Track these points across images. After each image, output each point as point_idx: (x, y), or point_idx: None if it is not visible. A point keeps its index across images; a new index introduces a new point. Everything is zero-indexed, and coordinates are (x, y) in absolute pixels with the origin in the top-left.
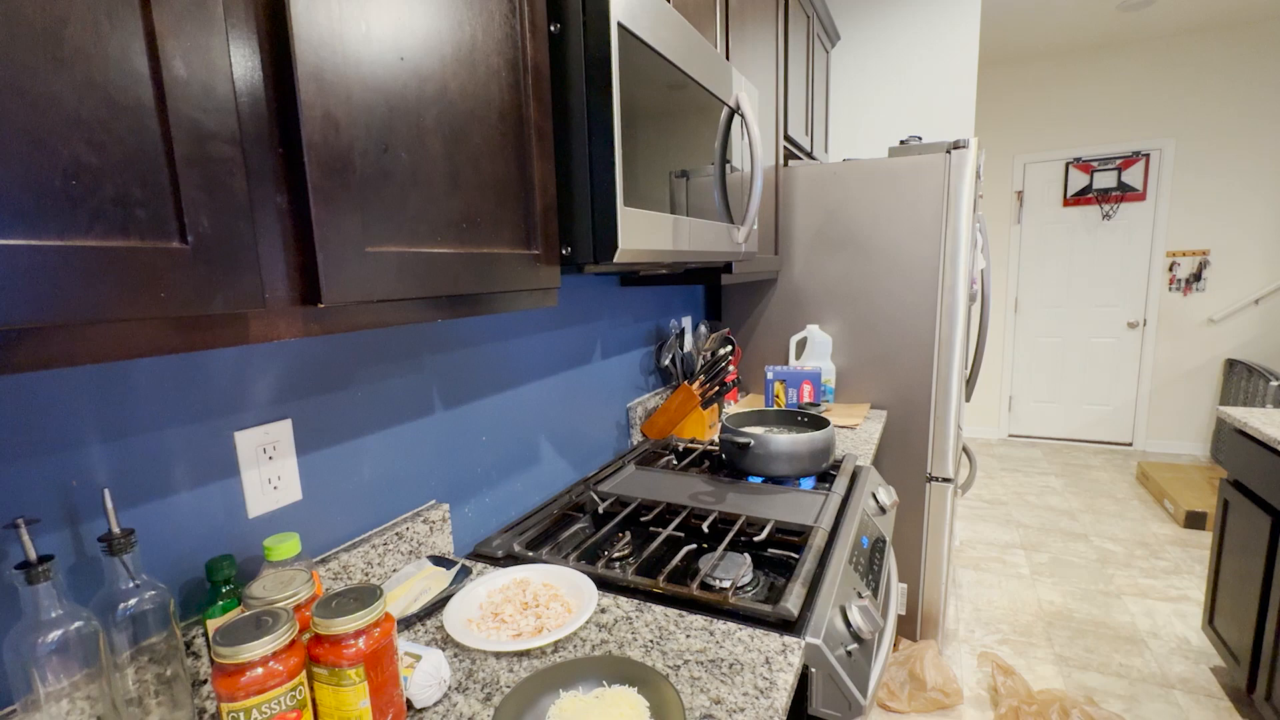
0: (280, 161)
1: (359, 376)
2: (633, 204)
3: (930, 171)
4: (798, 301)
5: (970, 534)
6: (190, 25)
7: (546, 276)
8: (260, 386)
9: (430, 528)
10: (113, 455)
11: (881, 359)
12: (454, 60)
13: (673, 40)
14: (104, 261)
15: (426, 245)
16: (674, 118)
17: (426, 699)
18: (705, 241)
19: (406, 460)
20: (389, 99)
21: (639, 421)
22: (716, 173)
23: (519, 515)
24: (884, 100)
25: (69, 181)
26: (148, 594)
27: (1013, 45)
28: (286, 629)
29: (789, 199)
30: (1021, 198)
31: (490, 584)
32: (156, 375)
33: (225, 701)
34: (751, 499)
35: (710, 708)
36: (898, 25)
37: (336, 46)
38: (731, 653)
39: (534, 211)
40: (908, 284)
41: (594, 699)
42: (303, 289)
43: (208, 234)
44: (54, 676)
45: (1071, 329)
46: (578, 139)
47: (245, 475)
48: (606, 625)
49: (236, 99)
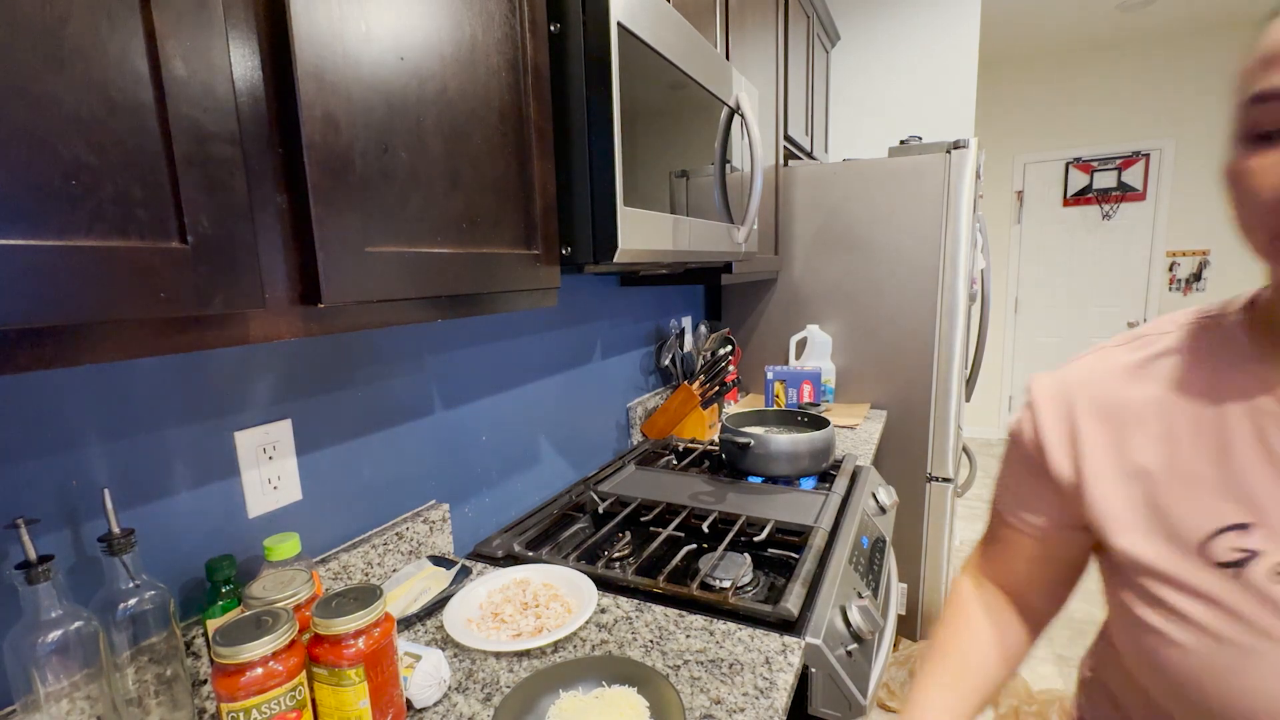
0: (280, 161)
1: (359, 376)
2: (633, 204)
3: (930, 171)
4: (798, 301)
5: (970, 534)
6: (190, 25)
7: (546, 276)
8: (260, 386)
9: (430, 528)
10: (113, 455)
11: (881, 359)
12: (454, 60)
13: (673, 40)
14: (104, 261)
15: (426, 245)
16: (674, 118)
17: (426, 699)
18: (705, 241)
19: (406, 460)
20: (389, 99)
21: (639, 421)
22: (716, 173)
23: (519, 515)
24: (884, 100)
25: (68, 181)
26: (148, 594)
27: (1013, 45)
28: (286, 629)
29: (789, 199)
30: (1021, 198)
31: (490, 584)
32: (156, 375)
33: (225, 702)
34: (751, 499)
35: (710, 708)
36: (898, 25)
37: (336, 46)
38: (731, 653)
39: (534, 211)
40: (908, 284)
41: (594, 699)
42: (302, 289)
43: (207, 234)
44: (54, 676)
45: (1071, 329)
46: (578, 139)
47: (245, 475)
48: (606, 625)
49: (236, 99)
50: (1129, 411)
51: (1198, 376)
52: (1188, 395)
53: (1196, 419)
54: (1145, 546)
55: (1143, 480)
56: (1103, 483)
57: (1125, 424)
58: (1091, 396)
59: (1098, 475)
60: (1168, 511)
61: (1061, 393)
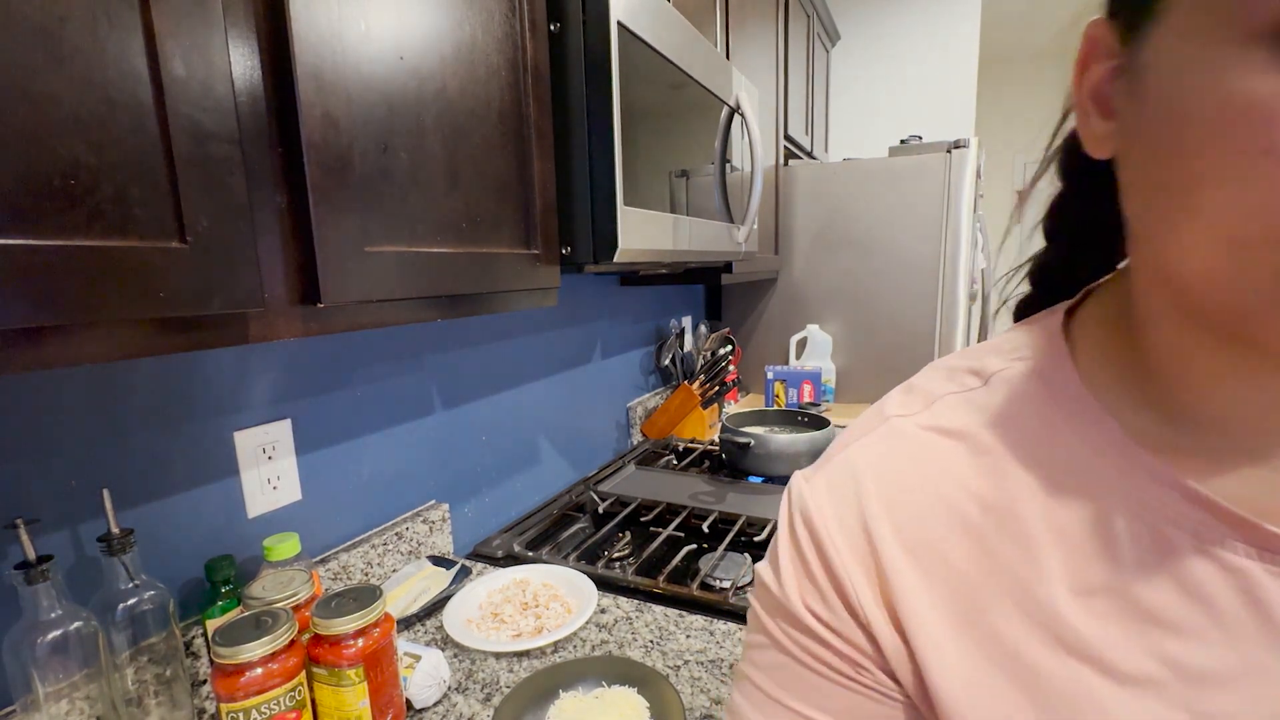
0: (279, 161)
1: (359, 376)
2: (633, 203)
3: (930, 171)
4: (798, 301)
5: None
6: (189, 24)
7: (546, 276)
8: (260, 386)
9: (430, 528)
10: (112, 455)
11: (882, 359)
12: (453, 59)
13: (673, 39)
14: (103, 261)
15: (426, 245)
16: (674, 117)
17: (426, 699)
18: (705, 241)
19: (406, 460)
20: (388, 98)
21: (639, 421)
22: (716, 172)
23: (519, 515)
24: (884, 100)
25: (67, 181)
26: (147, 594)
27: (1013, 45)
28: (286, 629)
29: (789, 199)
30: None
31: (490, 584)
32: (156, 375)
33: (225, 702)
34: (752, 499)
35: (710, 708)
36: (898, 25)
37: (336, 46)
38: (732, 653)
39: (534, 211)
40: (908, 283)
41: (594, 699)
42: (302, 289)
43: (207, 233)
44: (53, 676)
45: None
46: (577, 138)
47: (245, 475)
48: (606, 625)
49: (236, 98)
50: (978, 537)
51: (1069, 463)
52: (1068, 500)
53: (1089, 545)
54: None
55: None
56: (954, 673)
57: (970, 562)
58: (905, 509)
59: (943, 663)
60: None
61: (853, 505)
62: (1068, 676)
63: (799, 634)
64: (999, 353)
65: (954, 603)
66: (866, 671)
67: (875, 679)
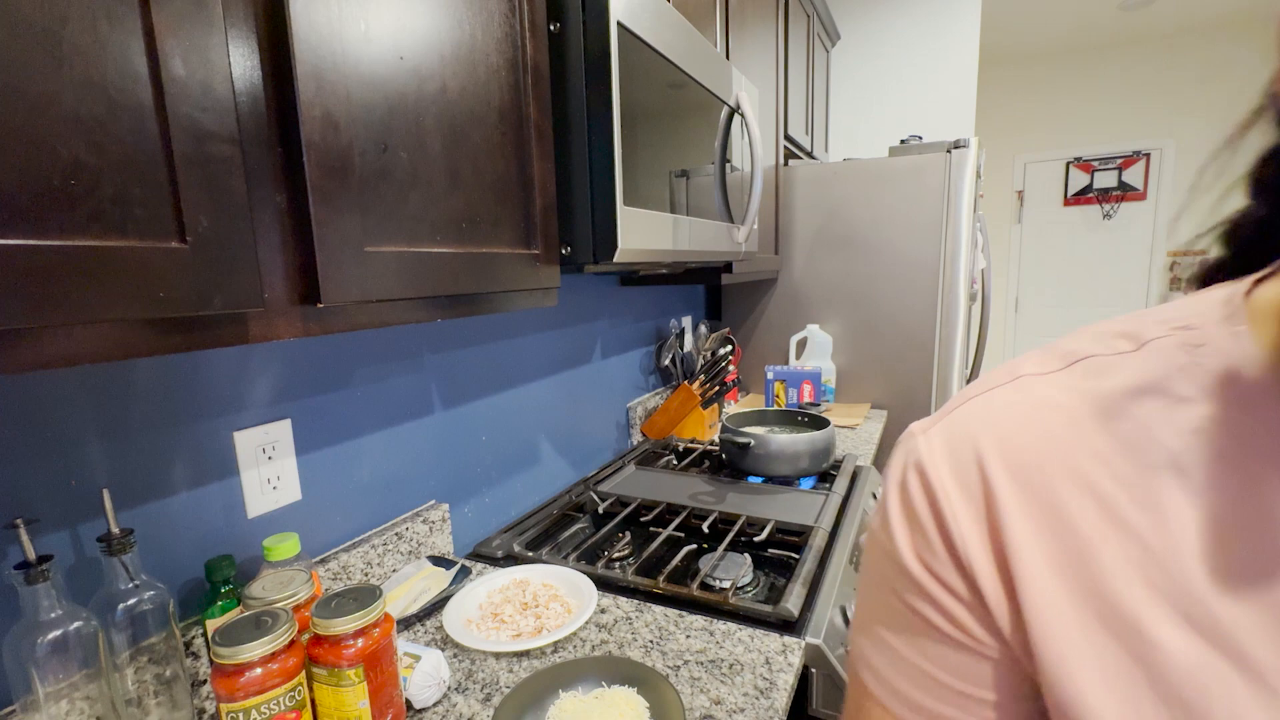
0: (279, 161)
1: (359, 376)
2: (632, 203)
3: (930, 171)
4: (798, 301)
5: None
6: (189, 24)
7: (546, 276)
8: (259, 386)
9: (430, 528)
10: (112, 455)
11: (882, 359)
12: (453, 59)
13: (672, 39)
14: (103, 261)
15: (426, 245)
16: (674, 117)
17: (426, 699)
18: (705, 241)
19: (406, 460)
20: (388, 98)
21: (639, 421)
22: (716, 172)
23: (519, 515)
24: (884, 100)
25: (68, 180)
26: (147, 594)
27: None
28: (285, 629)
29: (789, 199)
30: (1022, 197)
31: (490, 584)
32: (156, 375)
33: (225, 702)
34: (751, 499)
35: (710, 708)
36: (898, 25)
37: (336, 46)
38: (732, 653)
39: (534, 211)
40: (908, 284)
41: (594, 699)
42: (302, 289)
43: (207, 233)
44: (53, 676)
45: (1072, 329)
46: (577, 138)
47: (244, 475)
48: (606, 625)
49: (235, 98)
50: (1104, 501)
51: (1225, 443)
52: (1218, 477)
53: (1239, 525)
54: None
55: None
56: (1061, 632)
57: (1092, 526)
58: (1026, 468)
59: (1051, 619)
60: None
61: (970, 457)
62: (1195, 659)
63: (902, 579)
64: (1162, 319)
65: (1068, 561)
66: (958, 623)
67: (968, 630)
